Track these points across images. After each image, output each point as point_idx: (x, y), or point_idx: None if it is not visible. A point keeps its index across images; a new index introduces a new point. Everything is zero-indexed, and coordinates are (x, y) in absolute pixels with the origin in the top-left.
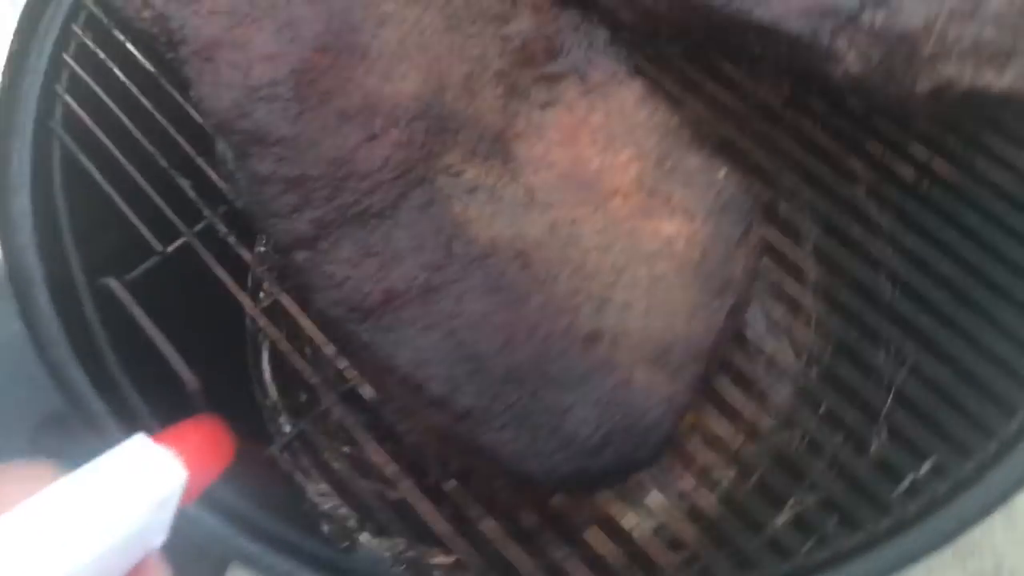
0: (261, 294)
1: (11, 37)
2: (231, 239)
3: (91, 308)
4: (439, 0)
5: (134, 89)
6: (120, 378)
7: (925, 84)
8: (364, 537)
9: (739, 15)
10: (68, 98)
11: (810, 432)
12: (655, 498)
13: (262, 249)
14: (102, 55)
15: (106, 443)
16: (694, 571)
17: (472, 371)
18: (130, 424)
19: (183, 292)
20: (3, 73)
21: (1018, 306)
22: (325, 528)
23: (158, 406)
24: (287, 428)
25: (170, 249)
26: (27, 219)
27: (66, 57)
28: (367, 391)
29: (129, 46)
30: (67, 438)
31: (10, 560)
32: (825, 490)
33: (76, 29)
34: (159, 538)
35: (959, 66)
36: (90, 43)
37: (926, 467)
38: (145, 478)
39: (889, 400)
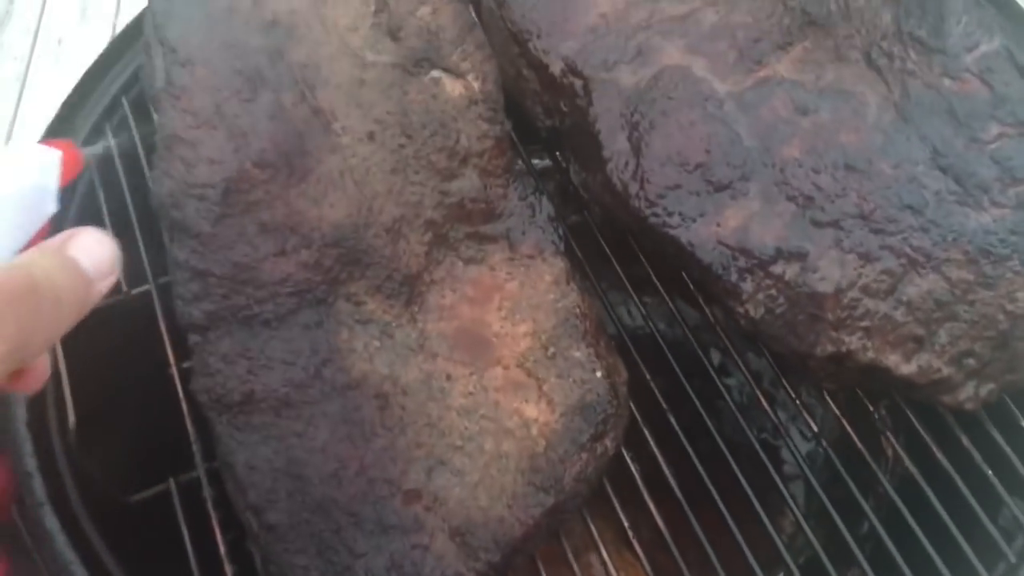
0: None
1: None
2: None
3: None
4: (393, 144)
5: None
6: None
7: (826, 348)
8: None
9: (662, 228)
10: (127, 107)
11: None
12: None
13: None
14: None
15: None
16: None
17: (292, 491)
18: None
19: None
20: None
21: None
22: None
23: None
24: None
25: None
26: None
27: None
28: None
29: None
30: None
31: None
32: None
33: None
34: (51, 207)
35: (863, 340)
36: None
37: None
38: (23, 155)
39: None
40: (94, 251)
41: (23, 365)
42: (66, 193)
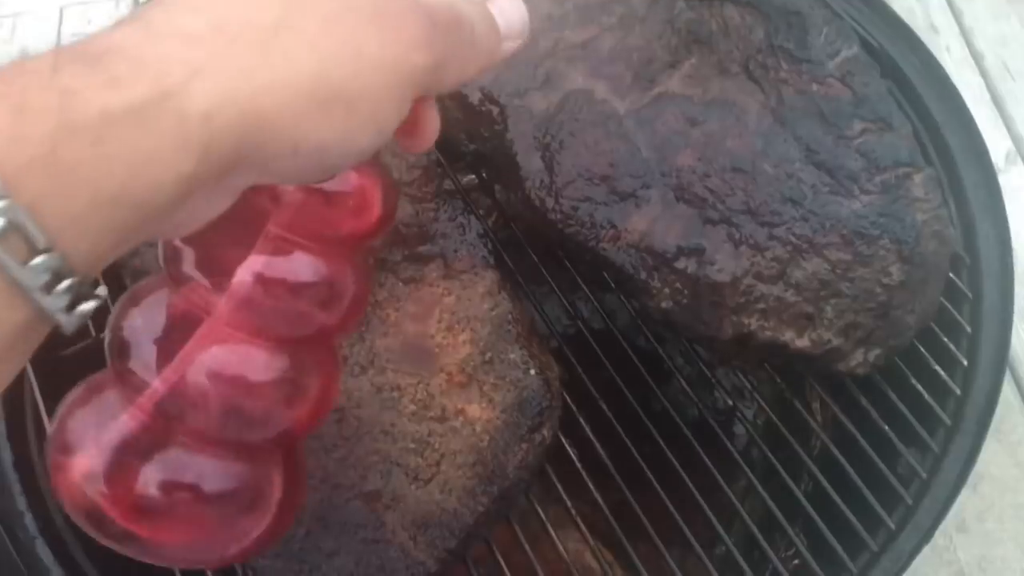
0: None
1: None
2: None
3: None
4: None
5: None
6: None
7: (729, 330)
8: None
9: (577, 237)
10: None
11: None
12: None
13: None
14: None
15: None
16: None
17: None
18: None
19: None
20: None
21: None
22: None
23: None
24: None
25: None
26: None
27: None
28: None
29: None
30: None
31: None
32: None
33: None
34: None
35: (761, 321)
36: None
37: None
38: None
39: None
40: (509, 13)
41: (430, 90)
42: None
